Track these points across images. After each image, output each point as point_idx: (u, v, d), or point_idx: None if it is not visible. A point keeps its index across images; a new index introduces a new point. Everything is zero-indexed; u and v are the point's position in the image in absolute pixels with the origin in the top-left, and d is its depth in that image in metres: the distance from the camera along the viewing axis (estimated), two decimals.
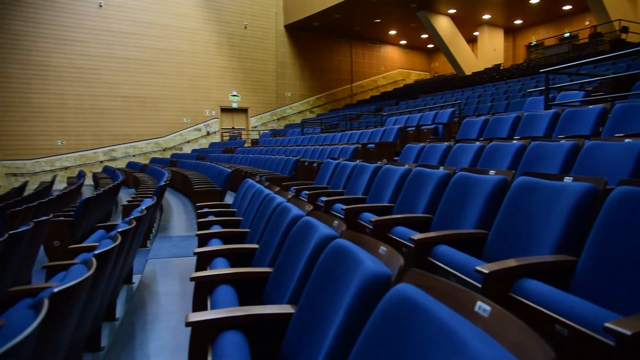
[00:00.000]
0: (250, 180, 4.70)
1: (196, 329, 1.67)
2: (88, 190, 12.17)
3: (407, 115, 9.94)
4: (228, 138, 19.58)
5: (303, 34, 21.77)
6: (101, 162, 16.98)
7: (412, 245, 2.44)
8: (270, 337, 1.67)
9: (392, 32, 23.79)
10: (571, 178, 2.14)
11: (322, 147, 8.32)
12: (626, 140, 2.81)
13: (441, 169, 3.36)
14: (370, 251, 1.39)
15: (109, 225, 4.49)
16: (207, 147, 18.74)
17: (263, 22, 20.68)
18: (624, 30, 13.98)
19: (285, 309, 1.69)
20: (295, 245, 1.98)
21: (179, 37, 18.37)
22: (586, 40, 17.68)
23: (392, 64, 26.43)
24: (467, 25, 20.00)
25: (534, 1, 17.98)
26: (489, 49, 20.52)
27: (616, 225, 1.73)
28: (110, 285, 2.62)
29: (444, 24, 18.60)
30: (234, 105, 20.03)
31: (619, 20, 13.86)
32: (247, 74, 20.30)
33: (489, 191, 2.63)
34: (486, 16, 19.71)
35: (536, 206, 2.20)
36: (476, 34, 21.23)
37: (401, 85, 25.20)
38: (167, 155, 18.04)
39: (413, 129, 8.35)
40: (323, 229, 1.79)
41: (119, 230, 2.44)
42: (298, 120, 21.38)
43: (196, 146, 19.14)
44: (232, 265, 2.52)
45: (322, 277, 1.54)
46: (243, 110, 20.50)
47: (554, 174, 2.31)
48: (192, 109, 18.93)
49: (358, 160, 5.12)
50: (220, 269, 2.36)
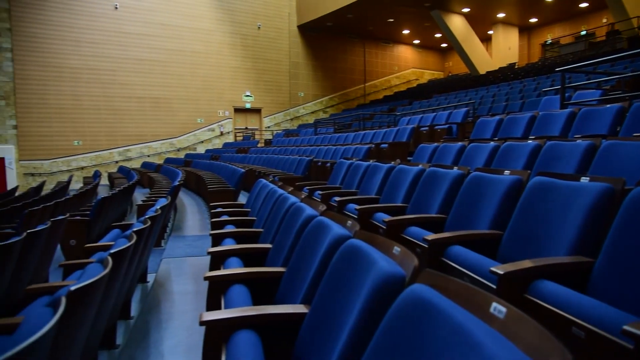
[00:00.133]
0: (264, 180, 4.72)
1: (210, 328, 1.68)
2: (104, 190, 12.31)
3: (421, 115, 9.89)
4: (241, 138, 19.67)
5: (316, 34, 21.78)
6: (116, 162, 17.18)
7: (426, 246, 2.43)
8: (284, 337, 1.67)
9: (406, 32, 23.68)
10: (588, 178, 2.11)
11: (335, 147, 8.31)
12: None
13: (455, 169, 3.33)
14: (384, 251, 1.38)
15: (124, 224, 4.53)
16: (221, 147, 18.85)
17: (276, 23, 20.74)
18: None
19: (299, 308, 1.69)
20: (309, 245, 1.98)
21: (193, 38, 18.50)
22: (603, 38, 17.43)
23: (406, 63, 26.32)
24: (481, 24, 19.83)
25: None
26: (504, 48, 20.32)
27: (634, 226, 1.70)
28: (126, 284, 2.65)
29: (457, 23, 18.47)
30: (248, 106, 20.11)
31: (638, 17, 13.62)
32: (261, 75, 20.37)
33: (503, 191, 2.60)
34: (501, 15, 19.53)
35: (552, 207, 2.17)
36: (490, 32, 21.04)
37: (414, 85, 25.09)
38: (181, 155, 18.18)
39: (426, 128, 8.30)
40: (336, 229, 1.79)
41: (134, 229, 2.46)
42: (311, 120, 21.40)
43: (210, 146, 19.26)
44: (246, 265, 2.53)
45: (336, 277, 1.53)
46: (256, 111, 20.58)
47: (570, 174, 2.28)
48: (206, 110, 19.05)
49: (371, 160, 5.11)
50: (234, 268, 2.37)
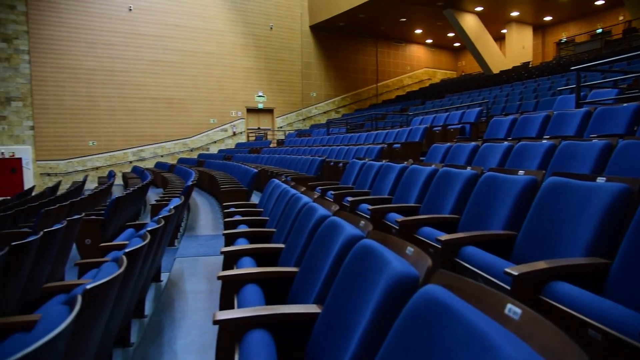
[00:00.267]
0: (276, 180, 4.73)
1: (223, 327, 1.69)
2: (118, 190, 12.45)
3: (434, 115, 9.83)
4: (254, 138, 19.74)
5: (328, 34, 21.78)
6: (130, 162, 17.35)
7: (439, 246, 2.42)
8: (296, 337, 1.68)
9: (418, 31, 23.57)
10: (604, 178, 2.08)
11: (348, 147, 8.30)
12: None
13: (468, 169, 3.31)
14: (397, 252, 1.38)
15: (138, 224, 4.58)
16: (234, 148, 18.94)
17: (288, 23, 20.79)
18: None
19: (312, 308, 1.69)
20: (322, 245, 1.98)
21: (206, 39, 18.62)
22: (620, 36, 17.18)
23: (418, 63, 26.20)
24: (495, 23, 19.65)
25: None
26: (517, 47, 20.12)
27: None
28: (140, 283, 2.67)
29: (470, 22, 18.33)
30: (260, 106, 20.18)
31: None
32: (273, 75, 20.43)
33: (518, 192, 2.58)
34: (514, 13, 19.34)
35: (568, 207, 2.14)
36: (504, 31, 20.84)
37: (427, 84, 24.96)
38: (194, 155, 18.30)
39: (439, 128, 8.25)
40: (349, 229, 1.79)
41: (148, 229, 2.48)
42: (323, 120, 21.41)
43: (222, 146, 19.36)
44: (259, 265, 2.54)
45: (349, 277, 1.53)
46: (269, 111, 20.64)
47: (586, 174, 2.25)
48: (219, 110, 19.16)
49: (384, 161, 5.09)
50: (247, 268, 2.38)
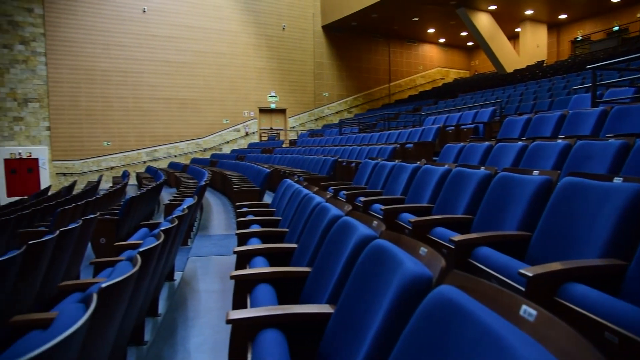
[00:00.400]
0: (289, 180, 4.74)
1: (236, 326, 1.70)
2: (132, 190, 12.57)
3: (446, 115, 9.78)
4: (266, 138, 19.81)
5: (340, 34, 21.77)
6: (144, 163, 17.52)
7: (452, 247, 2.40)
8: (309, 337, 1.68)
9: (431, 31, 23.45)
10: (621, 179, 2.05)
11: (360, 147, 8.29)
12: None
13: (482, 169, 3.28)
14: (411, 252, 1.37)
15: (151, 223, 4.62)
16: (246, 148, 19.02)
17: (301, 23, 20.82)
18: None
19: (324, 308, 1.69)
20: (334, 245, 1.98)
21: (219, 40, 18.72)
22: (637, 33, 16.91)
23: (431, 62, 26.06)
24: (509, 22, 19.47)
25: None
26: (532, 46, 19.90)
27: None
28: (154, 282, 2.70)
29: (484, 21, 18.18)
30: (273, 106, 20.24)
31: None
32: (285, 75, 20.48)
33: (532, 192, 2.55)
34: (529, 11, 19.14)
35: (583, 208, 2.12)
36: (518, 30, 20.63)
37: (440, 84, 24.82)
38: (207, 155, 18.42)
39: (452, 128, 8.20)
40: (362, 229, 1.78)
41: (162, 228, 2.51)
42: (336, 120, 21.40)
43: (235, 146, 19.46)
44: (271, 264, 2.55)
45: (362, 278, 1.53)
46: (281, 111, 20.69)
47: (602, 175, 2.22)
48: (232, 110, 19.26)
49: (396, 161, 5.08)
50: (260, 267, 2.38)
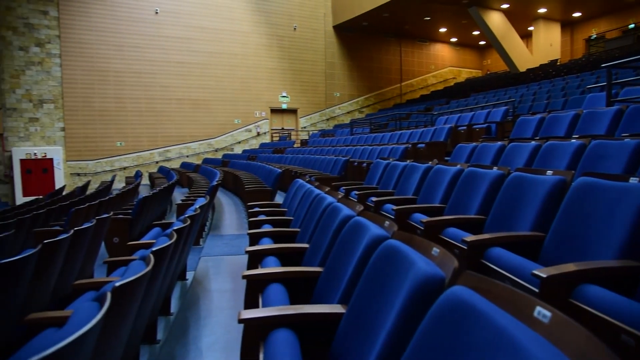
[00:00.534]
0: (300, 180, 4.75)
1: (248, 326, 1.70)
2: (144, 190, 12.69)
3: (458, 115, 9.71)
4: (278, 138, 19.86)
5: (351, 34, 21.75)
6: (157, 163, 17.66)
7: (465, 247, 2.39)
8: (321, 337, 1.68)
9: (442, 30, 23.32)
10: (637, 179, 2.02)
11: (372, 147, 8.27)
12: None
13: (495, 169, 3.26)
14: (423, 252, 1.37)
15: (164, 223, 4.66)
16: (258, 148, 19.08)
17: (312, 24, 20.83)
18: None
19: (336, 308, 1.69)
20: (346, 245, 1.98)
21: (231, 41, 18.81)
22: None
23: (443, 62, 25.92)
24: (521, 20, 19.28)
25: None
26: (545, 44, 19.69)
27: None
28: (166, 281, 2.72)
29: (496, 20, 18.03)
30: (284, 106, 20.29)
31: None
32: (297, 75, 20.51)
33: (546, 192, 2.52)
34: (542, 10, 18.94)
35: (598, 208, 2.09)
36: (531, 29, 20.43)
37: (452, 83, 24.67)
38: (219, 155, 18.51)
39: (464, 128, 8.15)
40: (374, 229, 1.78)
41: (175, 228, 2.52)
42: (347, 120, 21.38)
43: (247, 147, 19.53)
44: (283, 264, 2.55)
45: (374, 278, 1.53)
46: (292, 111, 20.73)
47: (618, 175, 2.19)
48: (243, 111, 19.34)
49: (408, 161, 5.06)
50: (271, 267, 2.39)
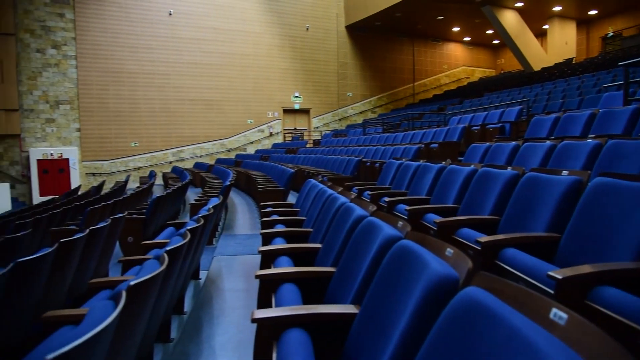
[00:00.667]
0: (313, 181, 4.75)
1: (261, 325, 1.71)
2: (158, 190, 12.80)
3: (472, 114, 9.64)
4: (290, 139, 19.90)
5: (364, 33, 21.71)
6: (170, 163, 17.81)
7: (479, 248, 2.37)
8: (334, 337, 1.68)
9: (456, 29, 23.17)
10: None
11: (384, 147, 8.25)
12: None
13: (509, 169, 3.23)
14: (436, 253, 1.36)
15: (177, 222, 4.70)
16: (270, 148, 19.14)
17: (324, 24, 20.84)
18: None
19: (349, 309, 1.69)
20: (359, 245, 1.98)
21: (244, 41, 18.90)
22: None
23: (456, 61, 25.75)
24: (536, 19, 19.05)
25: None
26: (560, 43, 19.44)
27: None
28: (180, 280, 2.74)
29: (510, 19, 17.84)
30: (296, 107, 20.32)
31: None
32: (309, 75, 20.53)
33: (561, 193, 2.49)
34: (557, 8, 18.69)
35: (615, 209, 2.06)
36: (546, 27, 20.19)
37: (465, 83, 24.48)
38: (232, 155, 18.61)
39: (478, 128, 8.09)
40: (387, 229, 1.77)
41: (188, 228, 2.54)
42: (359, 120, 21.35)
43: (259, 147, 19.60)
44: (296, 264, 2.56)
45: (387, 278, 1.52)
46: (305, 111, 20.76)
47: (635, 175, 2.15)
48: (256, 111, 19.42)
49: (421, 161, 5.03)
50: (284, 267, 2.40)
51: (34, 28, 15.50)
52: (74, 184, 15.75)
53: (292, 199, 7.24)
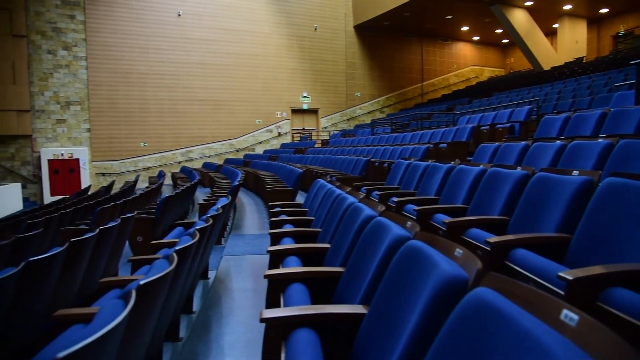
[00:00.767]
0: (322, 181, 4.75)
1: (270, 325, 1.71)
2: (167, 189, 12.87)
3: (481, 114, 9.58)
4: (299, 139, 19.92)
5: (372, 33, 21.67)
6: (179, 163, 17.91)
7: (488, 249, 2.35)
8: (342, 337, 1.68)
9: (465, 28, 23.06)
10: None
11: (393, 147, 8.23)
12: None
13: (519, 169, 3.21)
14: (446, 253, 1.36)
15: (186, 222, 4.72)
16: (279, 148, 19.17)
17: (332, 24, 20.84)
18: None
19: (358, 309, 1.69)
20: (368, 245, 1.97)
21: (252, 42, 18.96)
22: None
23: (465, 61, 25.62)
24: (546, 18, 18.90)
25: None
26: (570, 42, 19.26)
27: None
28: (189, 280, 2.75)
29: (520, 18, 17.72)
30: (305, 107, 20.34)
31: None
32: (317, 75, 20.54)
33: (572, 193, 2.47)
34: (567, 6, 18.52)
35: (627, 209, 2.03)
36: (555, 26, 20.01)
37: (474, 82, 24.35)
38: (240, 155, 18.66)
39: (487, 127, 8.04)
40: (396, 229, 1.77)
41: (197, 227, 2.55)
42: (368, 120, 21.32)
43: (268, 147, 19.64)
44: (304, 264, 2.56)
45: (396, 279, 1.52)
46: (313, 111, 20.77)
47: None
48: (264, 111, 19.47)
49: (430, 161, 5.02)
50: (293, 267, 2.40)
51: (45, 30, 15.66)
52: (84, 184, 15.89)
53: (301, 199, 7.24)
